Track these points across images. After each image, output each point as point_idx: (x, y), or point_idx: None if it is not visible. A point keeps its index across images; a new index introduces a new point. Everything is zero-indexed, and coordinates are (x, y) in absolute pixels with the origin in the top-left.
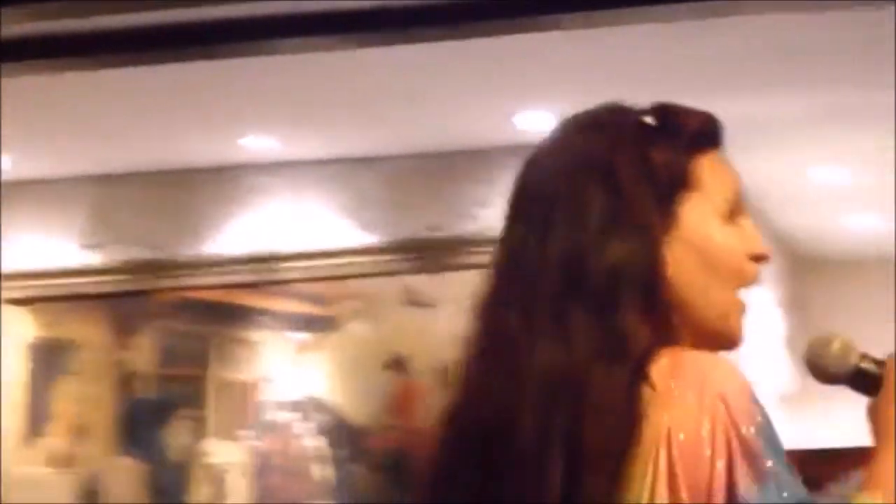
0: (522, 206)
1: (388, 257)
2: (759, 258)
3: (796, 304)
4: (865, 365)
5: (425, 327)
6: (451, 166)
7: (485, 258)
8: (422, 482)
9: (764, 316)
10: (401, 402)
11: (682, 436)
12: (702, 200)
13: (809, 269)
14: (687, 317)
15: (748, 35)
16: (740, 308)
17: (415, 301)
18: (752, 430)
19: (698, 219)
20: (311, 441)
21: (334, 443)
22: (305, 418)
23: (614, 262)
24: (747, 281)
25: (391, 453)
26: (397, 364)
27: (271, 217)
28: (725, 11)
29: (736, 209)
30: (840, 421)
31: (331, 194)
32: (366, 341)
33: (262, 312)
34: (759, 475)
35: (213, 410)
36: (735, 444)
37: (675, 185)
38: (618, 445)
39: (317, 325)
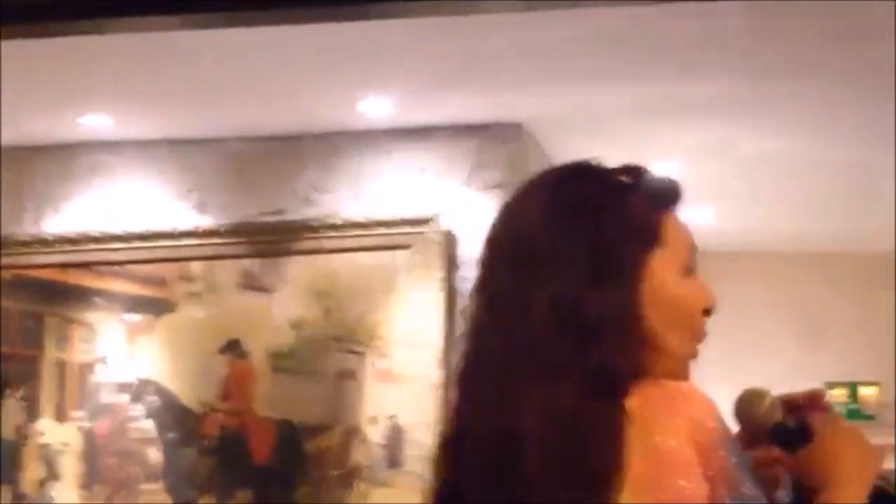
0: (508, 251)
1: (225, 240)
2: (708, 312)
3: None
4: (788, 421)
5: (262, 311)
6: (292, 150)
7: (324, 243)
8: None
9: None
10: (235, 386)
11: (669, 464)
12: (666, 256)
13: None
14: (653, 356)
15: (582, 26)
16: (693, 356)
17: (252, 285)
18: (728, 452)
19: (663, 273)
20: (144, 423)
21: (167, 425)
22: (139, 400)
23: (601, 310)
24: (699, 334)
25: (223, 437)
26: (233, 348)
27: (109, 197)
28: (559, 4)
29: (691, 265)
30: None
31: (169, 175)
32: (201, 324)
33: (98, 293)
34: (739, 497)
35: (46, 390)
36: (718, 468)
37: (649, 240)
38: (609, 470)
39: (152, 307)
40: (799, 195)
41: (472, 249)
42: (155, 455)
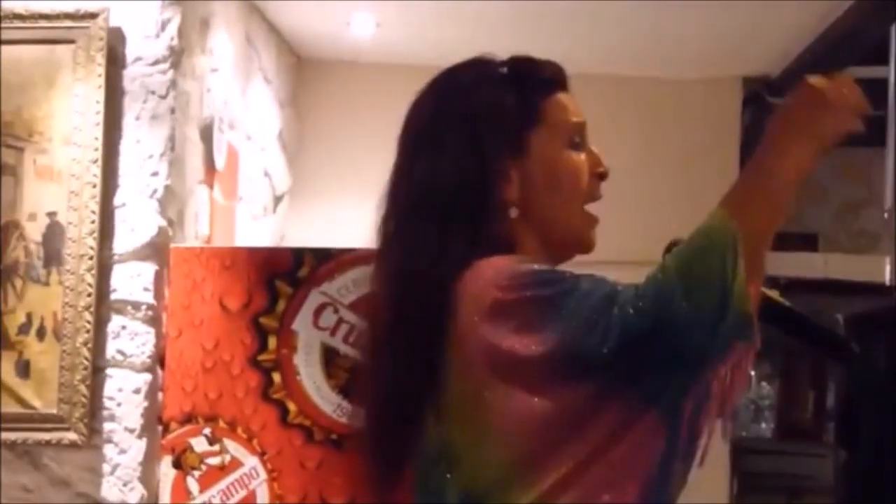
0: (400, 142)
1: None
2: (601, 176)
3: (293, 102)
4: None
5: None
6: None
7: None
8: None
9: (263, 112)
10: None
11: (475, 320)
12: (550, 133)
13: (310, 69)
14: (540, 229)
15: None
16: (590, 220)
17: None
18: (539, 288)
19: (546, 147)
20: None
21: None
22: None
23: (455, 182)
24: (591, 195)
25: None
26: None
27: None
28: None
29: (581, 140)
30: (336, 221)
31: None
32: None
33: None
34: (539, 322)
35: None
36: (534, 305)
37: (526, 122)
38: (433, 323)
39: None
40: (469, 10)
41: (138, 48)
42: None
